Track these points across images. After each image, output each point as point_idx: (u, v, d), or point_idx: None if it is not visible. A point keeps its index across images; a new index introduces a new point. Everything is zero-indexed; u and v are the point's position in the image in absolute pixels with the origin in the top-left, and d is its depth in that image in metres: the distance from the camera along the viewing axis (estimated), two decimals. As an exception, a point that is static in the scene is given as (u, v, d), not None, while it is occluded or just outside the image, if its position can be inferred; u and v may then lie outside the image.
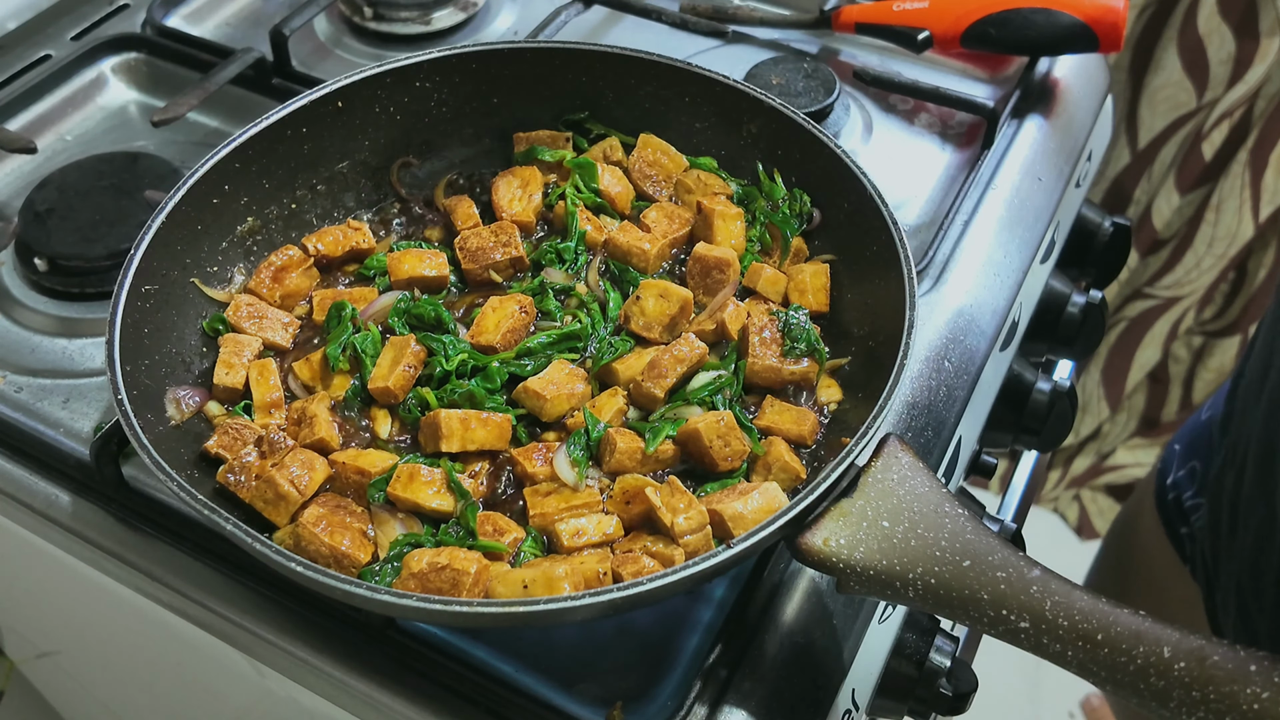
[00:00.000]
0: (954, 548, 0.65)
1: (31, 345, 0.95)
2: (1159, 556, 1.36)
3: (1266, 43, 1.81)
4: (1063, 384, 1.12)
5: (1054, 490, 2.52)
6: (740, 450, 0.79)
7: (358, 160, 0.97)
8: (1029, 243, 1.07)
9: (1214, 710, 0.56)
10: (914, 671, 0.88)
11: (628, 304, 0.89)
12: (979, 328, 0.99)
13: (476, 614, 0.63)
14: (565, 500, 0.78)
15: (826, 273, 0.90)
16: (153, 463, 0.69)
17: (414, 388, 0.83)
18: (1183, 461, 1.35)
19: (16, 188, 1.08)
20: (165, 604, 0.83)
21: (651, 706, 0.73)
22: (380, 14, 1.25)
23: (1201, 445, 1.31)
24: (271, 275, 0.91)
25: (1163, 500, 1.37)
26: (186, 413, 0.82)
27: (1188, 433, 1.38)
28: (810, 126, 0.91)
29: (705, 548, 0.74)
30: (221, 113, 1.16)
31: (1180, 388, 2.35)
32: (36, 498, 0.86)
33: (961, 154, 1.13)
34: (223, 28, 1.28)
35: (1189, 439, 1.36)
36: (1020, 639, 0.62)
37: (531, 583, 0.69)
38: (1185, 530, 1.32)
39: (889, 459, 0.70)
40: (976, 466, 1.12)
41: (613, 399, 0.83)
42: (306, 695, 0.80)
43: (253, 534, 0.66)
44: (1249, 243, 2.03)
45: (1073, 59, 1.23)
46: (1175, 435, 1.42)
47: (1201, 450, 1.31)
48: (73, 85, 1.18)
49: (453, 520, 0.77)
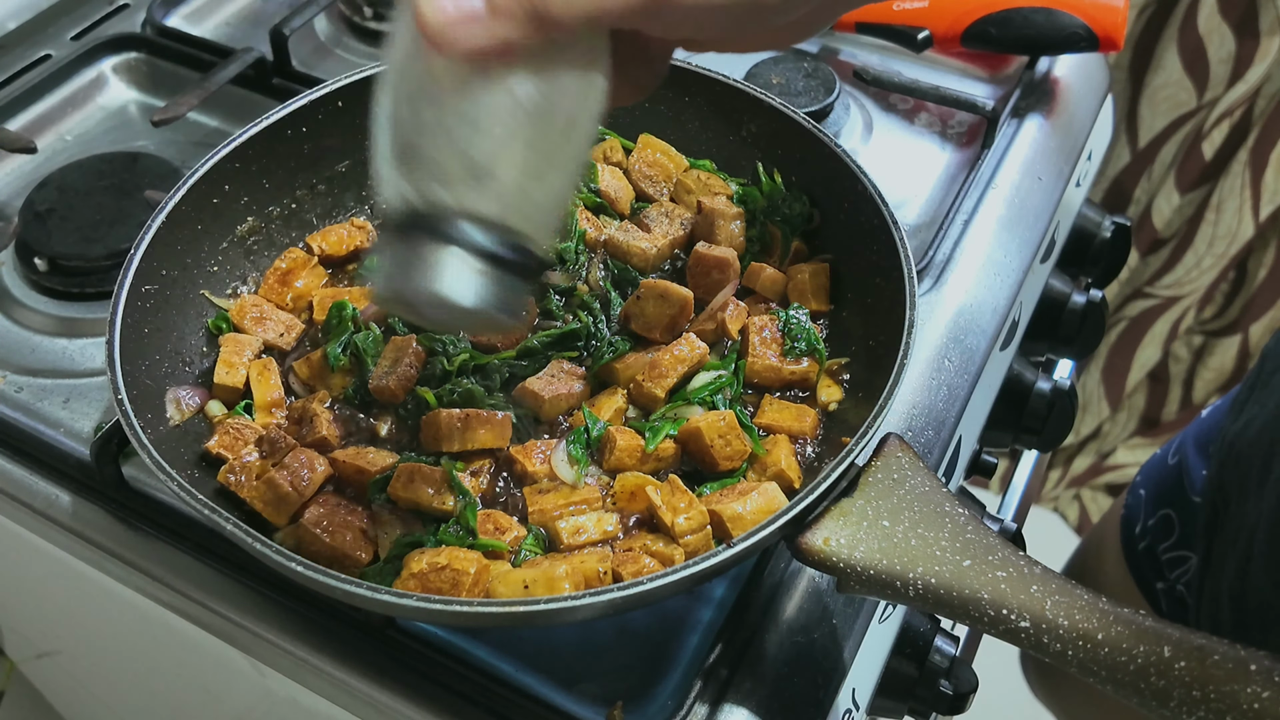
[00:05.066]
0: (954, 547, 0.65)
1: (31, 345, 0.95)
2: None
3: (1267, 42, 1.81)
4: (1063, 383, 1.12)
5: (1054, 490, 2.52)
6: (741, 450, 0.79)
7: (358, 160, 0.97)
8: (1029, 242, 1.07)
9: (1214, 710, 0.56)
10: (914, 671, 0.88)
11: (628, 304, 0.89)
12: (979, 327, 0.99)
13: (476, 614, 0.63)
14: (565, 497, 0.78)
15: (826, 272, 0.90)
16: (153, 463, 0.69)
17: (414, 387, 0.83)
18: (1151, 509, 1.29)
19: (16, 188, 1.08)
20: (165, 604, 0.83)
21: (652, 706, 0.73)
22: (380, 14, 1.25)
23: (1171, 492, 1.26)
24: (279, 279, 0.91)
25: (1131, 550, 1.30)
26: (186, 413, 0.82)
27: (1153, 477, 1.31)
28: (810, 126, 0.91)
29: (705, 547, 0.74)
30: (221, 113, 1.16)
31: (1180, 387, 2.35)
32: (36, 498, 0.86)
33: (961, 153, 1.13)
34: (223, 28, 1.28)
35: (1155, 485, 1.30)
36: (1020, 639, 0.62)
37: (532, 583, 0.69)
38: (1162, 585, 1.26)
39: (889, 459, 0.70)
40: (976, 466, 1.12)
41: (612, 398, 0.83)
42: (306, 695, 0.80)
43: (253, 534, 0.66)
44: (1249, 242, 2.03)
45: (1073, 58, 1.23)
46: (1138, 478, 1.35)
47: (1171, 498, 1.25)
48: (73, 85, 1.17)
49: (453, 519, 0.77)
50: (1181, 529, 1.24)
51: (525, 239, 0.59)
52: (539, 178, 0.59)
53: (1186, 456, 1.25)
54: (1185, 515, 1.24)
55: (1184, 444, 1.27)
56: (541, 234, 0.61)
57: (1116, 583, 1.32)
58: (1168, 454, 1.30)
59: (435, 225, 0.57)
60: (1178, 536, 1.25)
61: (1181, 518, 1.24)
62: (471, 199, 0.57)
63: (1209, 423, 1.24)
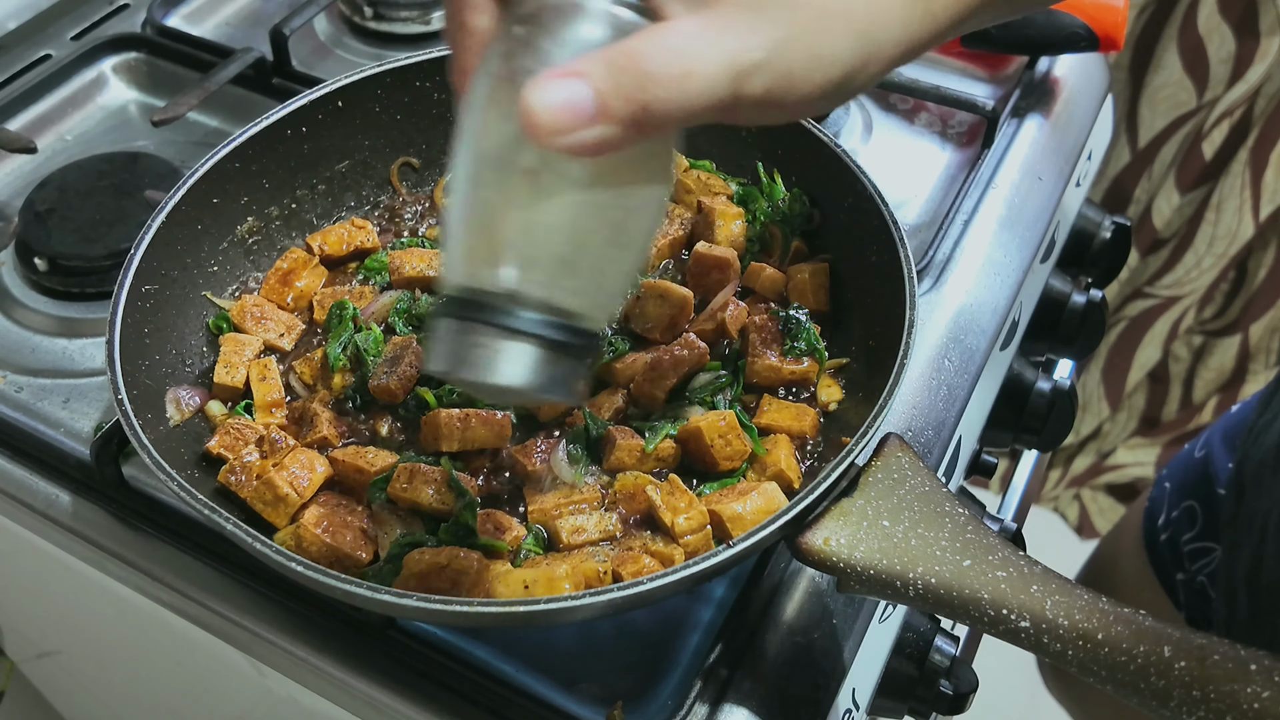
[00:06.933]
0: (954, 547, 0.65)
1: (31, 345, 0.95)
2: (1147, 604, 1.29)
3: (1266, 42, 1.81)
4: (1063, 383, 1.12)
5: (1054, 490, 2.52)
6: (741, 450, 0.79)
7: (358, 160, 0.97)
8: (1029, 242, 1.07)
9: (1214, 710, 0.56)
10: (914, 671, 0.88)
11: (628, 304, 0.89)
12: (979, 327, 0.99)
13: (476, 614, 0.63)
14: (565, 497, 0.78)
15: (826, 272, 0.90)
16: (153, 463, 0.69)
17: (414, 387, 0.83)
18: (1175, 501, 1.29)
19: (16, 188, 1.08)
20: (165, 604, 0.83)
21: (652, 706, 0.73)
22: (380, 14, 1.25)
23: (1196, 484, 1.26)
24: (279, 279, 0.91)
25: (1153, 542, 1.31)
26: (186, 413, 0.82)
27: (1179, 470, 1.32)
28: (810, 126, 0.91)
29: (705, 547, 0.74)
30: (221, 113, 1.16)
31: (1180, 387, 2.35)
32: (36, 498, 0.86)
33: (961, 153, 1.13)
34: (223, 28, 1.28)
35: (1180, 477, 1.30)
36: (1020, 639, 0.62)
37: (533, 583, 0.69)
38: (1182, 576, 1.26)
39: (889, 458, 0.70)
40: (976, 466, 1.12)
41: (612, 398, 0.83)
42: (307, 695, 0.80)
43: (253, 534, 0.66)
44: (1249, 242, 2.03)
45: (1073, 58, 1.23)
46: (1164, 472, 1.36)
47: (1196, 489, 1.26)
48: (73, 85, 1.17)
49: (453, 519, 0.77)
50: (1205, 521, 1.25)
51: (590, 322, 0.59)
52: (612, 267, 0.58)
53: (1213, 449, 1.25)
54: (1209, 507, 1.24)
55: (1211, 437, 1.28)
56: (605, 317, 0.61)
57: (1135, 574, 1.33)
58: (1194, 448, 1.31)
59: (499, 309, 0.56)
60: (1200, 528, 1.25)
61: (1205, 509, 1.25)
62: (546, 288, 0.56)
63: (1237, 417, 1.25)
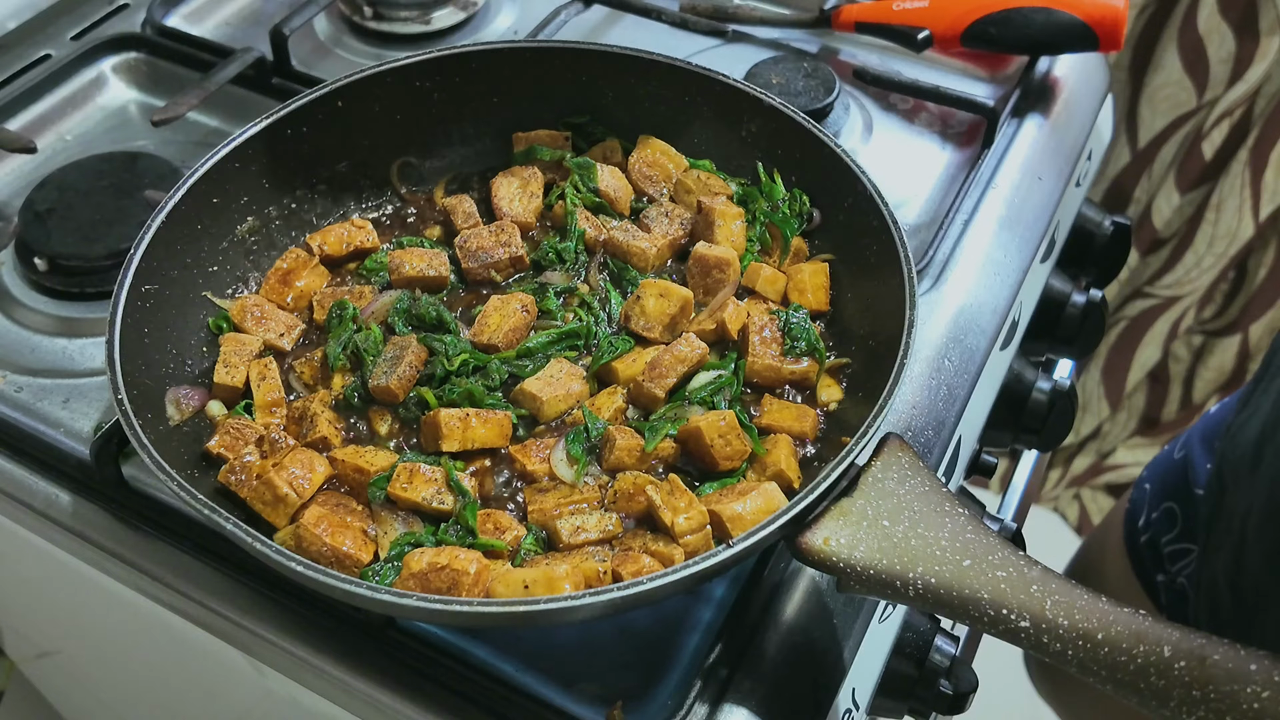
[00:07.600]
0: (954, 547, 0.65)
1: (31, 345, 0.95)
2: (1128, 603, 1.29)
3: (1266, 42, 1.81)
4: (1063, 383, 1.12)
5: (1054, 490, 2.52)
6: (741, 450, 0.79)
7: (358, 160, 0.97)
8: (1029, 242, 1.07)
9: (1214, 709, 0.56)
10: (914, 671, 0.88)
11: (628, 303, 0.89)
12: (979, 327, 0.99)
13: (476, 614, 0.63)
14: (565, 497, 0.78)
15: (826, 272, 0.90)
16: (153, 463, 0.69)
17: (414, 387, 0.83)
18: (1155, 502, 1.30)
19: (16, 188, 1.08)
20: (165, 604, 0.83)
21: (652, 706, 0.73)
22: (380, 14, 1.25)
23: (1175, 485, 1.26)
24: (279, 278, 0.91)
25: (1133, 543, 1.31)
26: (186, 412, 0.82)
27: (1158, 471, 1.32)
28: (810, 126, 0.91)
29: (705, 547, 0.74)
30: (221, 113, 1.16)
31: (1180, 387, 2.35)
32: (36, 498, 0.86)
33: (961, 153, 1.13)
34: (223, 27, 1.28)
35: (1160, 479, 1.31)
36: (1020, 638, 0.62)
37: (532, 583, 0.69)
38: (1162, 578, 1.26)
39: (889, 458, 0.70)
40: (976, 466, 1.12)
41: (611, 397, 0.83)
42: (306, 695, 0.80)
43: (253, 534, 0.66)
44: (1249, 242, 2.03)
45: (1073, 58, 1.23)
46: (1144, 473, 1.36)
47: (1175, 490, 1.26)
48: (73, 85, 1.17)
49: (453, 519, 0.77)
50: (1184, 522, 1.25)
51: None
52: None
53: (1192, 451, 1.25)
54: (1188, 508, 1.24)
55: (1190, 439, 1.28)
56: None
57: (1117, 575, 1.33)
58: (1174, 449, 1.31)
59: None
60: (1180, 529, 1.25)
61: (1184, 511, 1.25)
62: None
63: (1216, 419, 1.25)
